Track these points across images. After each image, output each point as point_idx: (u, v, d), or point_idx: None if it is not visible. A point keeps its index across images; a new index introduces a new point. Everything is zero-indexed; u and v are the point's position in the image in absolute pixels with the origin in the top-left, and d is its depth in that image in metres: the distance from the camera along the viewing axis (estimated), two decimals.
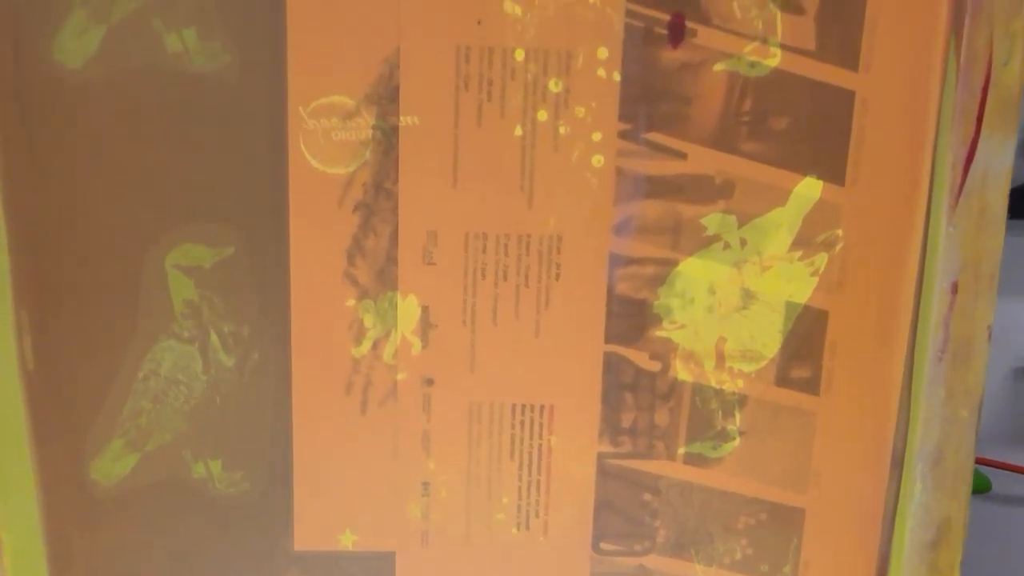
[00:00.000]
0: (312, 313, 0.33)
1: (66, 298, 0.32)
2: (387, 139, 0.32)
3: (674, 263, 0.34)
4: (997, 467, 0.65)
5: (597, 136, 0.32)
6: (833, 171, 0.33)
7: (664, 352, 0.34)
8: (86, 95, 0.31)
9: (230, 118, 0.31)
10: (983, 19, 0.32)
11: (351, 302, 0.33)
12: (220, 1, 0.30)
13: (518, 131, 0.32)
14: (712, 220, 0.33)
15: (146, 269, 0.32)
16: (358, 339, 0.33)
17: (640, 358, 0.34)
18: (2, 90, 0.30)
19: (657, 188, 0.33)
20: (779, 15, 0.32)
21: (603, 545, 0.36)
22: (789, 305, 0.34)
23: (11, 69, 0.30)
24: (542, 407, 0.34)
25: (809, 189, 0.33)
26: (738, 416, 0.35)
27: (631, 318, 0.34)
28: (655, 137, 0.33)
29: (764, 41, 0.32)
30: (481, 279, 0.33)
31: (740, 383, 0.35)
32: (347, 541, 0.35)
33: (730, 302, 0.34)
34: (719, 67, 0.32)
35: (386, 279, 0.33)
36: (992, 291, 0.35)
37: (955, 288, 0.34)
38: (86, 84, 0.31)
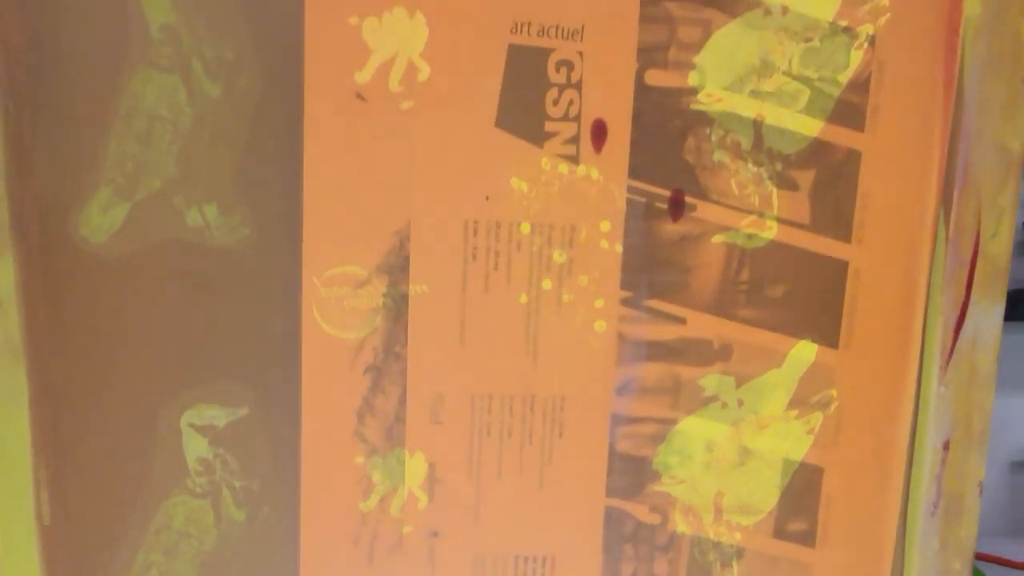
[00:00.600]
0: (322, 470, 0.34)
1: (83, 454, 0.34)
2: (397, 306, 0.34)
3: (674, 422, 0.35)
4: (994, 562, 0.66)
5: (599, 303, 0.34)
6: (827, 335, 0.35)
7: (663, 506, 0.36)
8: (109, 268, 0.32)
9: (247, 287, 0.33)
10: (971, 193, 0.34)
11: (360, 459, 0.35)
12: (240, 178, 0.32)
13: (523, 298, 0.34)
14: (710, 381, 0.35)
15: (161, 427, 0.34)
16: (366, 494, 0.35)
17: (640, 511, 0.36)
18: (30, 266, 0.32)
19: (657, 351, 0.35)
20: (775, 191, 0.34)
21: None
22: (786, 462, 0.36)
23: (38, 246, 0.32)
24: (544, 558, 0.36)
25: (804, 352, 0.35)
26: (736, 567, 0.36)
27: (631, 474, 0.35)
28: (655, 304, 0.34)
29: (761, 215, 0.34)
30: (486, 437, 0.35)
31: (738, 536, 0.36)
32: None
33: (728, 459, 0.36)
34: (717, 239, 0.34)
35: (394, 437, 0.35)
36: (983, 447, 0.36)
37: (947, 445, 0.36)
38: (110, 258, 0.32)
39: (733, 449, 0.36)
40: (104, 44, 0.31)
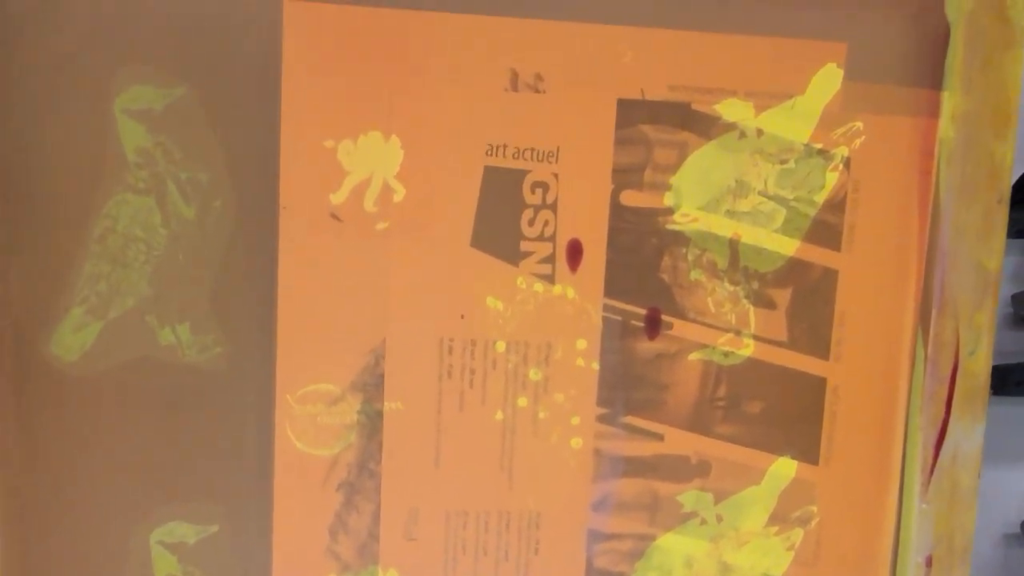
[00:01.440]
0: None
1: (55, 573, 0.34)
2: (372, 423, 0.34)
3: (652, 538, 0.36)
4: None
5: (576, 420, 0.35)
6: (807, 451, 0.36)
7: None
8: (81, 386, 0.33)
9: (219, 404, 0.34)
10: (949, 312, 0.35)
11: None
12: (214, 298, 0.33)
13: (499, 415, 0.35)
14: (688, 497, 0.36)
15: (132, 546, 0.34)
16: None
17: None
18: (1, 385, 0.33)
19: (634, 467, 0.35)
20: (752, 309, 0.35)
21: None
22: None
23: (10, 364, 0.33)
24: None
25: (784, 468, 0.36)
26: None
27: None
28: (633, 420, 0.35)
29: (738, 333, 0.35)
30: (462, 554, 0.35)
31: None
32: None
33: (708, 575, 0.36)
34: (694, 356, 0.35)
35: (367, 555, 0.35)
36: (965, 564, 0.37)
37: (929, 562, 0.36)
38: (81, 376, 0.33)
39: (712, 565, 0.36)
40: (81, 167, 0.32)
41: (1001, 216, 0.34)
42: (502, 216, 0.33)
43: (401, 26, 0.32)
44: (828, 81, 0.34)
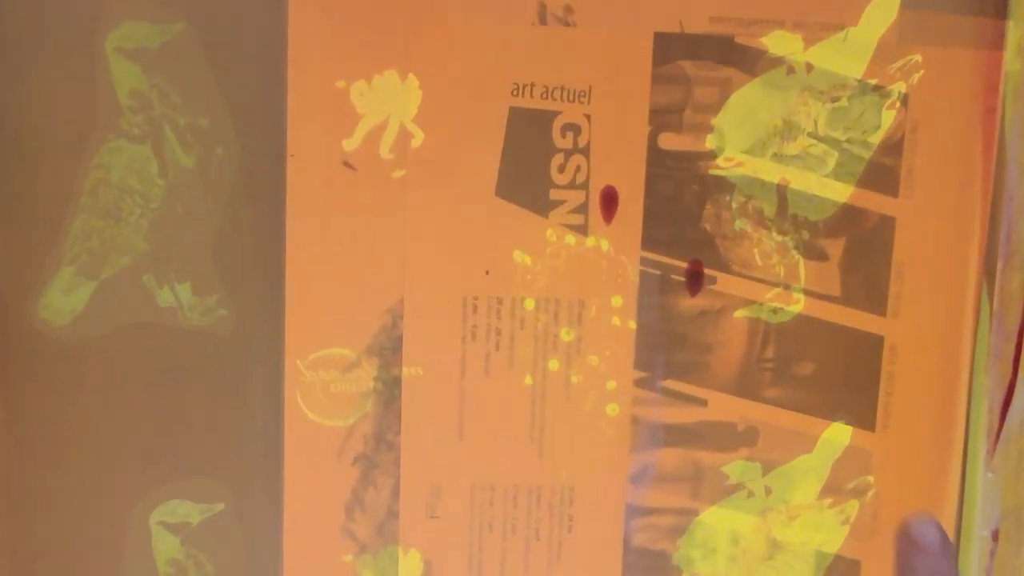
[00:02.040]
0: (306, 570, 0.33)
1: (46, 560, 0.32)
2: (389, 391, 0.32)
3: (695, 513, 0.34)
4: None
5: (611, 385, 0.33)
6: (862, 416, 0.34)
7: None
8: (73, 353, 0.31)
9: (224, 372, 0.31)
10: (1016, 263, 0.33)
11: (348, 557, 0.33)
12: (216, 255, 0.31)
13: (528, 380, 0.32)
14: (735, 468, 0.33)
15: (130, 527, 0.32)
16: None
17: None
18: None
19: (675, 436, 0.33)
20: (802, 261, 0.33)
21: None
22: (819, 555, 0.34)
23: None
24: None
25: (837, 435, 0.34)
26: None
27: (650, 570, 0.34)
28: (673, 385, 0.33)
29: (787, 287, 0.33)
30: (488, 533, 0.33)
31: None
32: None
33: (755, 552, 0.34)
34: (740, 314, 0.33)
35: (386, 533, 0.33)
36: None
37: (996, 536, 0.34)
38: (73, 342, 0.31)
39: (761, 541, 0.34)
40: (69, 112, 0.30)
41: None
42: (530, 162, 0.31)
43: None
44: (883, 10, 0.31)
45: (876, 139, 0.32)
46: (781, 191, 0.32)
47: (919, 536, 0.24)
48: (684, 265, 0.32)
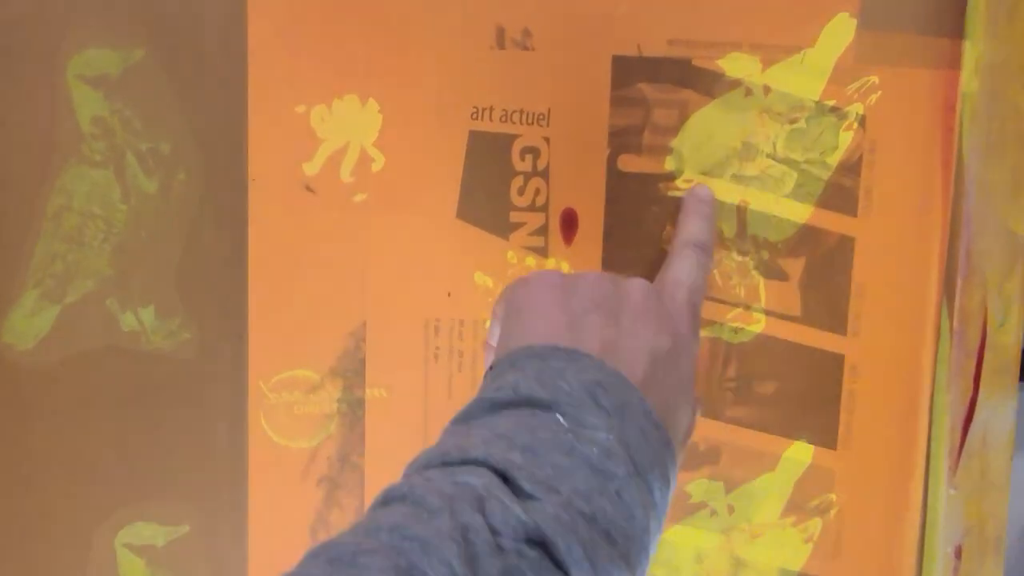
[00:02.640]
0: None
1: None
2: (353, 412, 0.33)
3: None
4: None
5: None
6: (824, 435, 0.34)
7: None
8: (37, 377, 0.32)
9: (188, 395, 0.32)
10: (975, 281, 0.33)
11: None
12: (179, 279, 0.32)
13: None
14: (697, 487, 0.34)
15: (94, 550, 0.33)
16: None
17: None
18: None
19: None
20: (762, 282, 0.33)
21: None
22: (782, 572, 0.35)
23: None
24: None
25: (800, 453, 0.34)
26: None
27: None
28: None
29: (747, 307, 0.33)
30: None
31: None
32: None
33: (719, 570, 0.35)
34: (701, 334, 0.33)
35: None
36: (999, 554, 0.35)
37: (959, 552, 0.35)
38: (37, 366, 0.31)
39: (724, 560, 0.35)
40: (31, 139, 0.30)
41: None
42: (490, 185, 0.32)
43: None
44: (840, 31, 0.32)
45: (834, 160, 0.33)
46: (740, 212, 0.33)
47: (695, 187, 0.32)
48: None
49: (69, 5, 0.30)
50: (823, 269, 0.33)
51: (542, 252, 0.33)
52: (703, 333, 0.33)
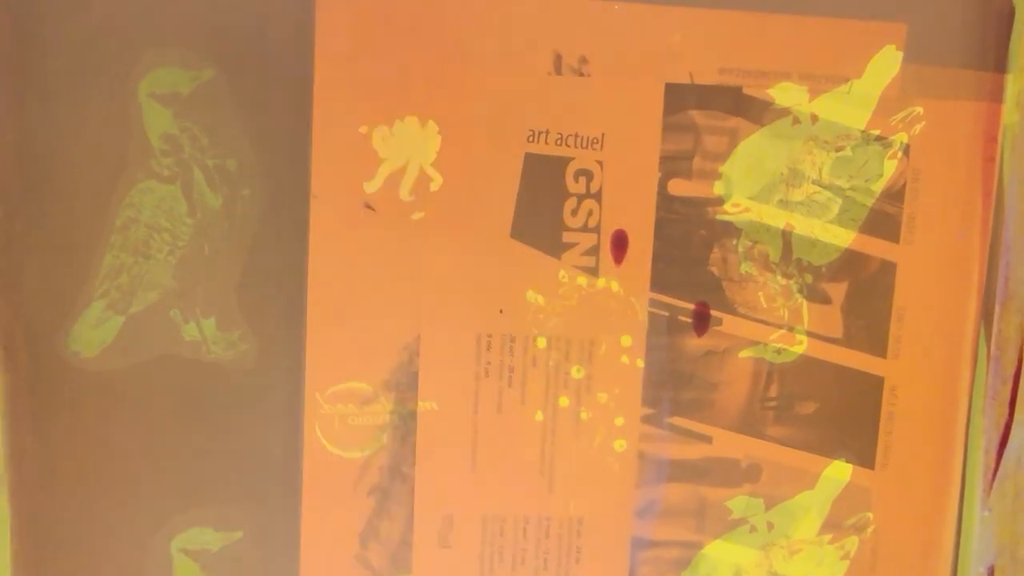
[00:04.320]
0: None
1: None
2: (405, 424, 0.35)
3: (699, 546, 0.36)
4: None
5: (620, 421, 0.35)
6: (863, 454, 0.36)
7: None
8: (100, 384, 0.34)
9: (245, 404, 0.34)
10: (1013, 307, 0.35)
11: None
12: (240, 292, 0.34)
13: (539, 416, 0.35)
14: (738, 503, 0.36)
15: (150, 554, 0.35)
16: None
17: None
18: (16, 384, 0.33)
19: (681, 471, 0.36)
20: (805, 304, 0.35)
21: None
22: None
23: (26, 362, 0.33)
24: None
25: (838, 472, 0.36)
26: None
27: None
28: (679, 422, 0.36)
29: (791, 329, 0.35)
30: (498, 562, 0.36)
31: None
32: None
33: None
34: (745, 354, 0.35)
35: (400, 562, 0.36)
36: None
37: (992, 573, 0.37)
38: (100, 373, 0.34)
39: (763, 575, 0.37)
40: (103, 153, 0.33)
41: None
42: (544, 206, 0.34)
43: (440, 6, 0.33)
44: (886, 64, 0.34)
45: (879, 187, 0.35)
46: (786, 236, 0.35)
47: None
48: (691, 307, 0.35)
49: (144, 24, 0.32)
50: (865, 293, 0.35)
51: (593, 272, 0.35)
52: (746, 353, 0.35)
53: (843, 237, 0.35)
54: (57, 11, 0.32)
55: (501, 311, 0.35)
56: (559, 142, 0.34)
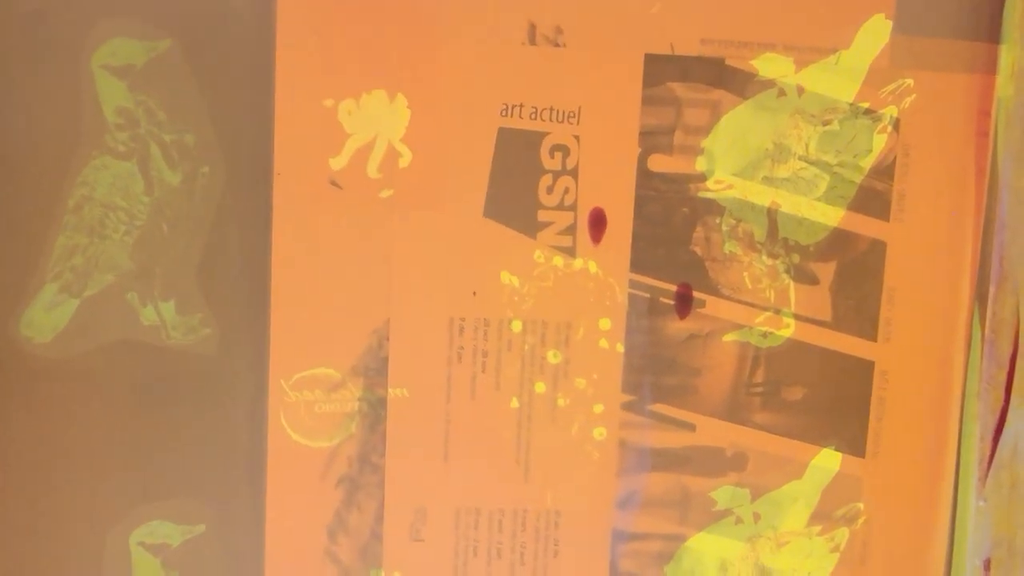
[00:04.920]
0: None
1: None
2: (374, 411, 0.34)
3: (682, 539, 0.35)
4: None
5: (599, 408, 0.34)
6: (853, 442, 0.35)
7: None
8: (54, 370, 0.33)
9: (207, 391, 0.33)
10: (1008, 288, 0.34)
11: None
12: (201, 274, 0.33)
13: (514, 403, 0.34)
14: (723, 494, 0.35)
15: (109, 549, 0.34)
16: None
17: None
18: None
19: (663, 461, 0.35)
20: (792, 286, 0.34)
21: None
22: None
23: None
24: None
25: (827, 461, 0.35)
26: None
27: None
28: (661, 409, 0.35)
29: (777, 311, 0.34)
30: (473, 557, 0.35)
31: None
32: None
33: None
34: (729, 337, 0.34)
35: (370, 557, 0.34)
36: None
37: (988, 565, 0.36)
38: (54, 360, 0.32)
39: (749, 569, 0.36)
40: (55, 129, 0.31)
41: None
42: (518, 183, 0.33)
43: None
44: (875, 34, 0.33)
45: (867, 163, 0.34)
46: (771, 214, 0.34)
47: None
48: (673, 288, 0.34)
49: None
50: (854, 274, 0.34)
51: (570, 252, 0.34)
52: (730, 337, 0.34)
53: (831, 215, 0.34)
54: None
55: (474, 293, 0.34)
56: (534, 116, 0.33)
